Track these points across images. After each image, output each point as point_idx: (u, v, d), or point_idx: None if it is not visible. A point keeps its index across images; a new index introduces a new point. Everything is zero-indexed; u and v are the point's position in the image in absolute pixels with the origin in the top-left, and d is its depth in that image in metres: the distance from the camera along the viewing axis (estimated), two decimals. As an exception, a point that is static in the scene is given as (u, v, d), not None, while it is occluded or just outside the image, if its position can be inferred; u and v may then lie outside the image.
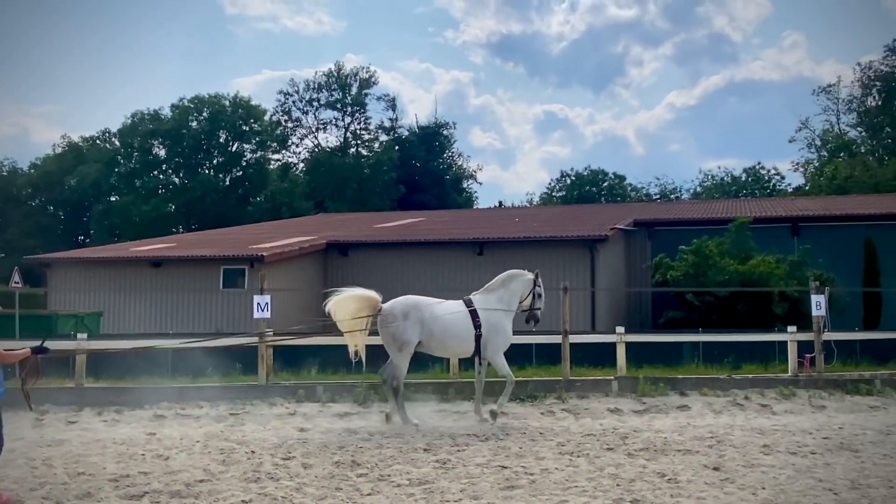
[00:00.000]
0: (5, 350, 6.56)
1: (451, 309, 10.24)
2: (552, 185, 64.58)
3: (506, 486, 6.92)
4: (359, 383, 11.51)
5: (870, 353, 15.51)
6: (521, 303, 10.59)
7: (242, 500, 6.44)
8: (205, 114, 57.12)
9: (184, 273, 23.16)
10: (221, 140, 57.62)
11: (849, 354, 14.82)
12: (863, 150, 52.22)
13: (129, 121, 57.96)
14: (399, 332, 9.92)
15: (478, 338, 10.18)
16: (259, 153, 59.38)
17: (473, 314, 10.21)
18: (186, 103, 57.13)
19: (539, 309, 10.65)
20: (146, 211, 52.93)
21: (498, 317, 10.34)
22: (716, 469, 7.55)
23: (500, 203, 59.83)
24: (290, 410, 10.66)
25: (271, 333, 11.71)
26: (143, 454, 8.26)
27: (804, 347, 13.07)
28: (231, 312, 22.13)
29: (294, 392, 11.35)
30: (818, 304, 12.81)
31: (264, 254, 22.21)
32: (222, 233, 33.43)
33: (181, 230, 52.82)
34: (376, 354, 10.68)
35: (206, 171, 57.24)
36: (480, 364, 10.39)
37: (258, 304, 11.57)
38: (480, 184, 65.99)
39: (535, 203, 62.66)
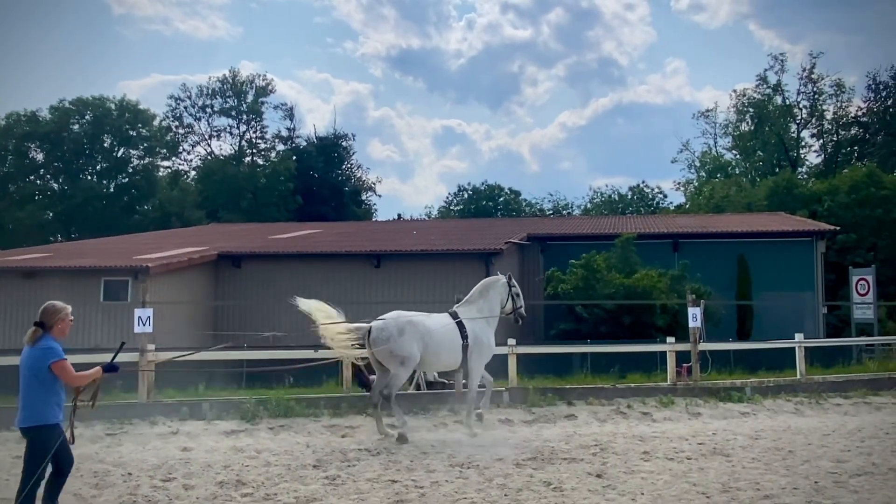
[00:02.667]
0: (77, 372, 5.72)
1: (442, 322, 10.44)
2: (450, 198, 65.26)
3: (395, 501, 6.90)
4: (247, 399, 11.17)
5: (742, 361, 16.60)
6: (503, 307, 10.92)
7: (116, 526, 6.10)
8: (88, 117, 54.04)
9: (60, 285, 21.70)
10: (106, 145, 54.66)
11: (723, 363, 15.79)
12: (737, 172, 55.82)
13: (4, 122, 54.10)
14: (398, 347, 9.95)
15: (464, 348, 10.42)
16: (147, 159, 56.70)
17: (460, 326, 10.47)
18: (67, 105, 53.86)
19: (521, 307, 11.09)
20: (21, 218, 49.45)
21: (481, 327, 10.64)
22: (599, 476, 7.82)
23: (399, 216, 60.01)
24: (172, 429, 10.19)
25: (153, 349, 11.18)
26: (7, 479, 7.67)
27: (682, 357, 13.78)
28: (112, 327, 20.94)
29: (178, 410, 10.86)
30: (694, 317, 13.54)
31: (150, 265, 21.22)
32: (105, 242, 31.69)
33: (60, 239, 49.68)
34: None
35: (89, 177, 54.15)
36: (470, 374, 10.53)
37: (139, 317, 11.03)
38: (380, 196, 65.89)
39: (433, 216, 63.11)
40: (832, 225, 29.72)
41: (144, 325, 11.05)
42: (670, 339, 14.03)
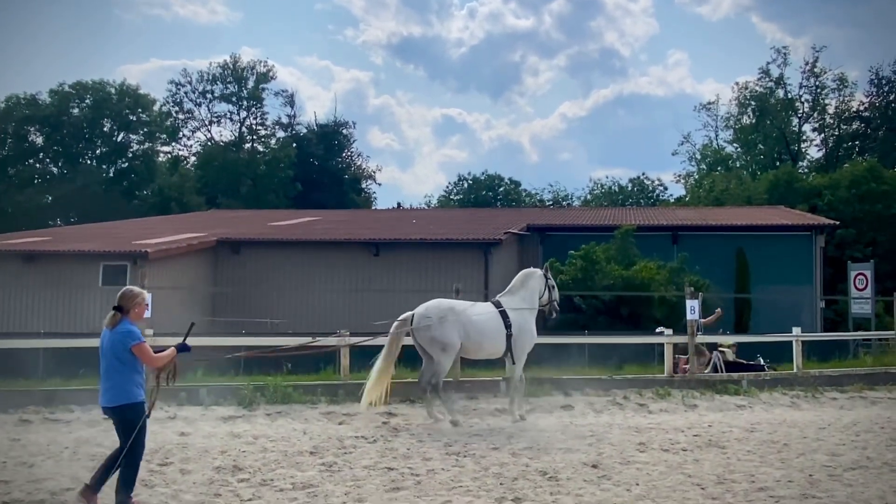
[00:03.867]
0: (155, 353, 6.01)
1: (485, 311, 10.61)
2: (450, 188, 65.18)
3: (391, 488, 6.92)
4: (245, 386, 11.19)
5: (740, 355, 16.57)
6: (540, 298, 11.09)
7: (112, 509, 6.11)
8: (87, 101, 53.87)
9: (59, 269, 21.77)
10: (106, 129, 54.51)
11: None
12: (738, 165, 55.74)
13: (3, 105, 53.90)
14: (439, 334, 10.22)
15: (508, 337, 10.55)
16: (147, 145, 56.62)
17: (504, 315, 10.59)
18: (67, 89, 53.69)
19: (556, 300, 11.37)
20: (20, 202, 49.36)
21: (525, 316, 10.81)
22: (594, 466, 7.85)
23: (399, 204, 59.93)
24: (169, 414, 10.23)
25: (151, 334, 11.17)
26: (4, 462, 7.71)
27: (680, 349, 13.79)
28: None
29: (175, 395, 10.85)
30: (692, 309, 13.56)
31: (149, 250, 21.22)
32: (104, 227, 31.63)
33: (59, 223, 49.61)
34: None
35: (89, 162, 54.00)
36: (513, 363, 10.71)
37: (138, 302, 11.01)
38: (379, 185, 65.75)
39: (433, 205, 63.05)
40: (832, 219, 29.70)
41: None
42: (668, 332, 14.04)
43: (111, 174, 54.49)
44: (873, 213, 36.61)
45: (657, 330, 14.55)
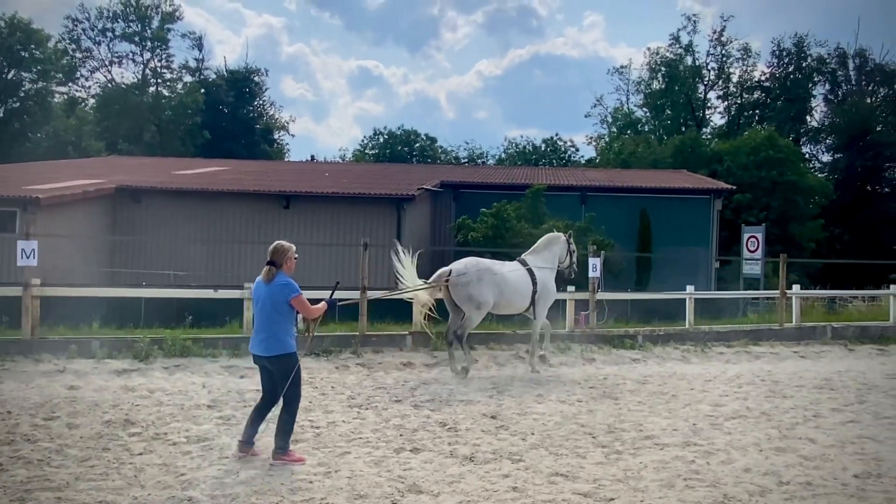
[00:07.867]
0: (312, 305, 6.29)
1: (516, 271, 11.24)
2: (365, 142, 64.33)
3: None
4: (140, 338, 10.80)
5: (638, 311, 17.29)
6: (560, 261, 11.89)
7: (-10, 465, 5.82)
8: (-27, 33, 49.71)
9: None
10: (-6, 65, 50.58)
11: (621, 313, 16.39)
12: (647, 129, 57.37)
13: None
14: (476, 292, 10.67)
15: (533, 294, 11.20)
16: (41, 84, 52.89)
17: (531, 273, 11.24)
18: (-51, 19, 49.36)
19: (574, 264, 12.15)
20: None
21: (547, 275, 11.54)
22: (493, 417, 8.05)
23: (313, 157, 58.66)
24: (59, 367, 9.77)
25: (38, 283, 10.60)
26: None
27: (581, 306, 14.22)
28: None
29: (65, 347, 10.40)
30: (594, 267, 13.98)
31: (40, 195, 19.96)
32: (-9, 170, 29.54)
33: (-60, 165, 45.97)
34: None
35: (-26, 100, 50.12)
36: (535, 319, 11.32)
37: (23, 250, 10.41)
38: (293, 136, 64.14)
39: (347, 159, 62.10)
40: (729, 184, 31.10)
41: (28, 258, 10.44)
42: (570, 288, 14.42)
43: (1, 114, 50.74)
44: (768, 179, 38.60)
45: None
